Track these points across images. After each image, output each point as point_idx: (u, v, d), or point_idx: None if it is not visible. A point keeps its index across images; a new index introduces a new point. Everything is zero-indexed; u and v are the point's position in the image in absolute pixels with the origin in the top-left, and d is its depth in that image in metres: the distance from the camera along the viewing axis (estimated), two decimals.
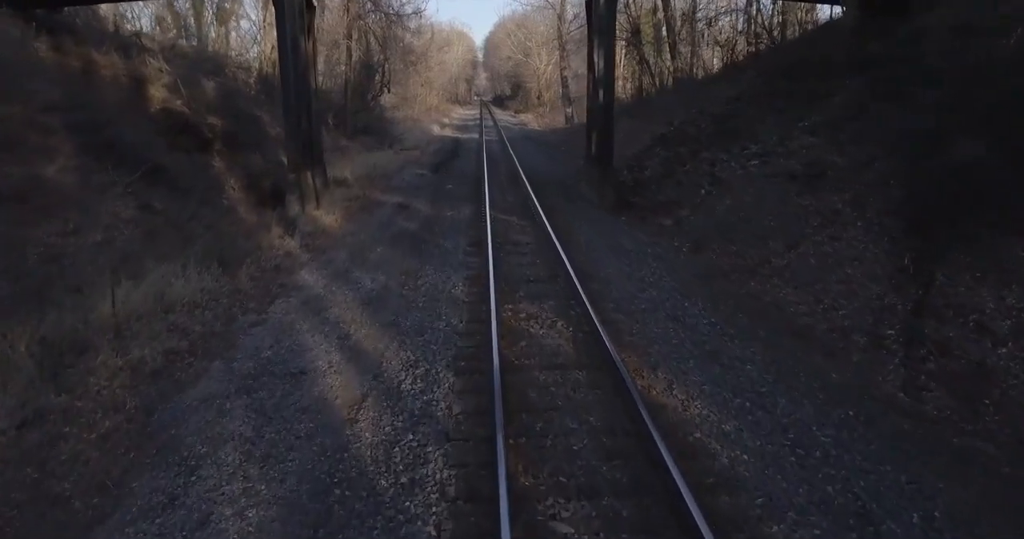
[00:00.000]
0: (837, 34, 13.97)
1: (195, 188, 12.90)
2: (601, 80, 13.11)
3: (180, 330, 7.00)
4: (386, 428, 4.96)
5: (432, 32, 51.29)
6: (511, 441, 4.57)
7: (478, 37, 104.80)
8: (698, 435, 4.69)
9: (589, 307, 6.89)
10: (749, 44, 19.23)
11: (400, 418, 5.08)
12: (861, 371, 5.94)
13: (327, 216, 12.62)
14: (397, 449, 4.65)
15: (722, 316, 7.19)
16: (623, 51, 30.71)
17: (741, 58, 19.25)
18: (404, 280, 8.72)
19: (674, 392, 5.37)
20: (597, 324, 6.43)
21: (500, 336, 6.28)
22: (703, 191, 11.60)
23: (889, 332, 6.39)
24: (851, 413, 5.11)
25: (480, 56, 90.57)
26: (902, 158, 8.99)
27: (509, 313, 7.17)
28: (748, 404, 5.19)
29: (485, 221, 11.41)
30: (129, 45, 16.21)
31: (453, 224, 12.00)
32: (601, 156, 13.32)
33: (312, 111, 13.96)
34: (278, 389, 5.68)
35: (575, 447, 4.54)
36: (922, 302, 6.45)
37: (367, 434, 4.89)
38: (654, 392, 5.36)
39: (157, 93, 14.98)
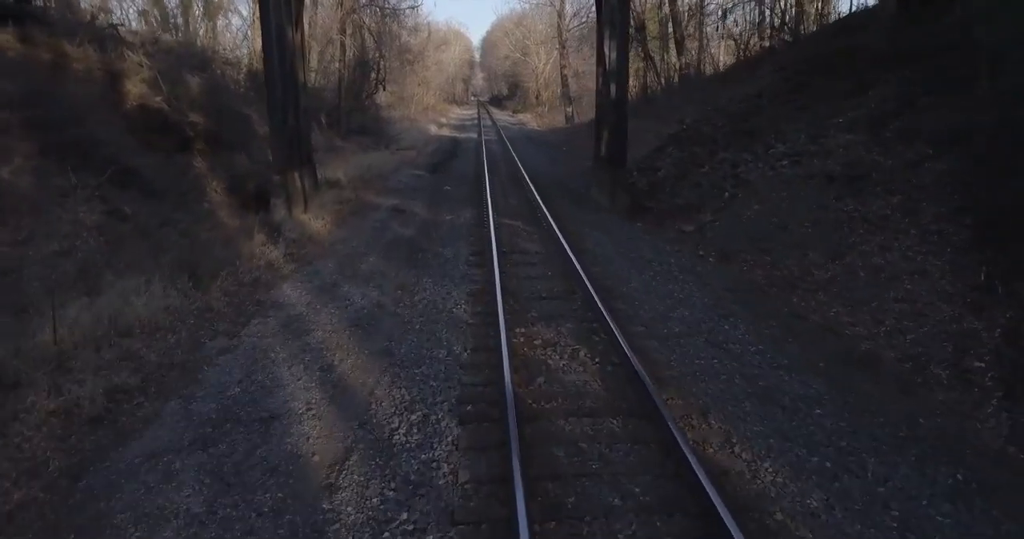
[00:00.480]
0: (866, 24, 12.90)
1: (171, 191, 11.76)
2: (613, 74, 12.02)
3: (134, 360, 5.87)
4: (373, 500, 3.84)
5: (429, 31, 50.18)
6: (537, 526, 3.47)
7: (475, 37, 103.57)
8: (779, 516, 3.58)
9: (616, 331, 5.79)
10: (762, 38, 18.16)
11: (392, 485, 3.97)
12: (952, 415, 4.84)
13: (316, 221, 11.50)
14: (387, 535, 3.54)
15: (769, 341, 6.10)
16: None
17: (754, 53, 18.18)
18: (399, 295, 7.62)
19: (735, 448, 4.26)
20: (628, 353, 5.33)
21: (513, 369, 5.17)
22: (726, 194, 10.50)
23: (977, 364, 5.30)
24: (959, 477, 4.02)
25: (477, 56, 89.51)
26: (959, 157, 7.92)
27: (521, 339, 6.06)
28: (830, 465, 4.09)
29: (488, 226, 10.30)
30: (106, 37, 15.04)
31: (453, 230, 10.89)
32: (612, 157, 12.22)
33: (300, 107, 12.84)
34: (242, 441, 4.56)
35: (621, 536, 3.43)
36: (1018, 329, 5.37)
37: (349, 509, 3.77)
38: (711, 449, 4.26)
39: (134, 89, 13.81)
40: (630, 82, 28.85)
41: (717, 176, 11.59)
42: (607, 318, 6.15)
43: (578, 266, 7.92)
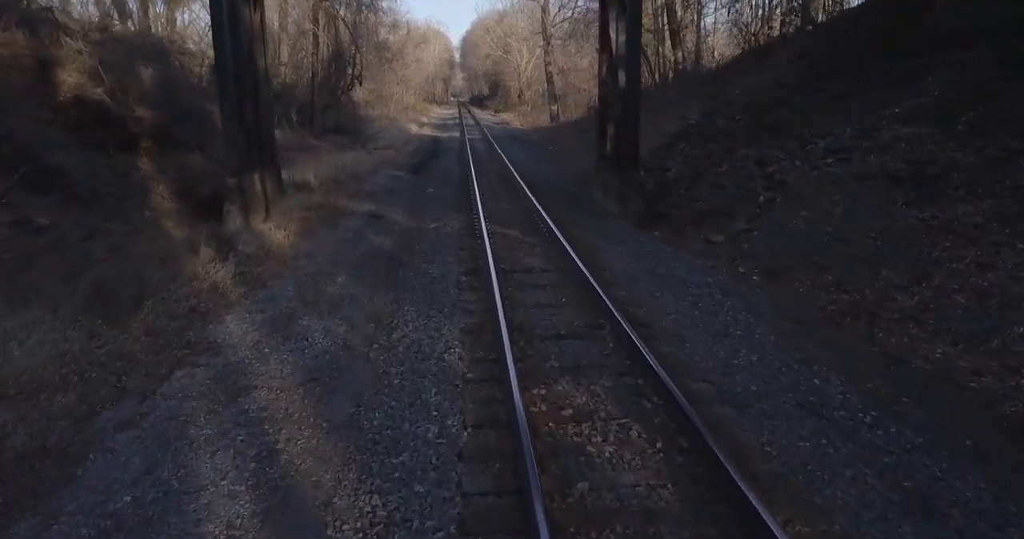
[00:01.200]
0: (903, 4, 11.32)
1: (107, 196, 9.83)
2: (621, 60, 10.30)
3: None
4: None
5: (408, 28, 48.28)
6: None
7: (455, 38, 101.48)
8: None
9: (675, 393, 4.07)
10: (771, 27, 16.59)
11: None
12: None
13: (277, 231, 9.63)
14: None
15: (880, 403, 4.40)
16: None
17: (762, 42, 16.61)
18: (372, 332, 5.82)
19: None
20: (704, 434, 3.61)
21: (538, 466, 3.42)
22: (761, 198, 8.83)
23: None
24: None
25: (457, 57, 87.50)
26: None
27: (543, 406, 4.30)
28: None
29: (481, 236, 8.57)
30: (39, 21, 13.01)
31: (440, 241, 9.10)
32: (621, 155, 10.49)
33: (261, 98, 10.95)
34: None
35: None
36: None
37: None
38: None
39: (69, 78, 11.82)
40: None
41: (742, 176, 9.92)
42: (656, 370, 4.42)
43: (598, 289, 6.19)
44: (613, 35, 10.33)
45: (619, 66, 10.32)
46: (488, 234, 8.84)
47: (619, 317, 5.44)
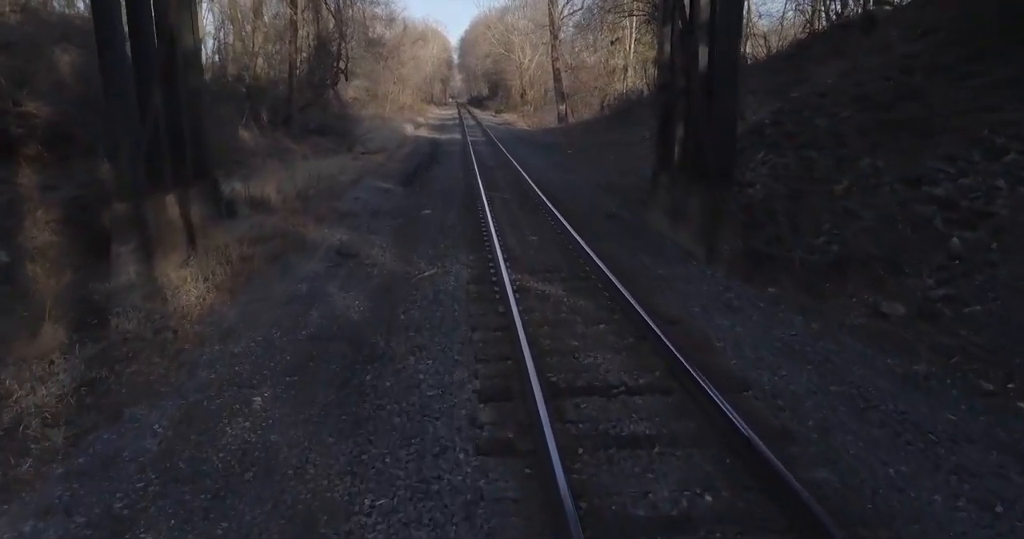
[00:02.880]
0: None
1: None
2: (704, 29, 6.88)
3: None
4: None
5: (405, 24, 44.89)
6: None
7: (453, 39, 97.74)
8: None
9: None
10: (845, 6, 13.20)
11: None
12: None
13: (195, 283, 6.19)
14: None
15: None
16: (632, 34, 24.59)
17: (834, 23, 13.21)
18: None
19: None
20: None
21: None
22: (954, 241, 5.42)
23: None
24: None
25: (455, 57, 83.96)
26: None
27: None
28: None
29: (504, 297, 5.20)
30: None
31: (438, 305, 5.67)
32: (702, 167, 7.04)
33: (184, 86, 7.55)
34: None
35: None
36: None
37: None
38: None
39: None
40: (639, 75, 23.81)
41: (887, 200, 6.53)
42: None
43: (777, 465, 2.82)
44: None
45: (700, 39, 6.89)
46: (513, 291, 5.44)
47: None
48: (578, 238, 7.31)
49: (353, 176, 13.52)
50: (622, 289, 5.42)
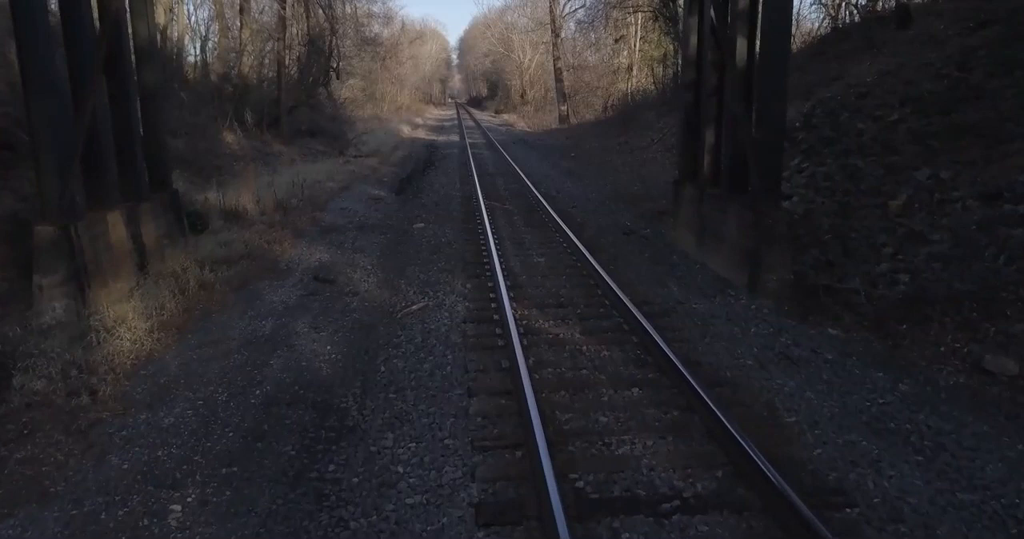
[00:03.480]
0: None
1: None
2: (743, 15, 5.80)
3: None
4: None
5: (403, 23, 43.78)
6: None
7: (452, 39, 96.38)
8: None
9: None
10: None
11: None
12: None
13: (137, 322, 5.09)
14: None
15: None
16: (637, 32, 23.48)
17: (862, 18, 12.11)
18: None
19: None
20: None
21: None
22: None
23: None
24: None
25: (454, 57, 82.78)
26: None
27: None
28: None
29: (509, 342, 4.13)
30: None
31: (427, 357, 4.55)
32: (742, 179, 5.96)
33: (134, 81, 6.47)
34: None
35: None
36: None
37: None
38: None
39: None
40: (643, 74, 22.71)
41: (965, 219, 5.46)
42: None
43: None
44: None
45: (739, 30, 5.80)
46: (520, 335, 4.35)
47: None
48: (592, 261, 6.22)
49: (342, 182, 12.42)
50: (653, 334, 4.33)
